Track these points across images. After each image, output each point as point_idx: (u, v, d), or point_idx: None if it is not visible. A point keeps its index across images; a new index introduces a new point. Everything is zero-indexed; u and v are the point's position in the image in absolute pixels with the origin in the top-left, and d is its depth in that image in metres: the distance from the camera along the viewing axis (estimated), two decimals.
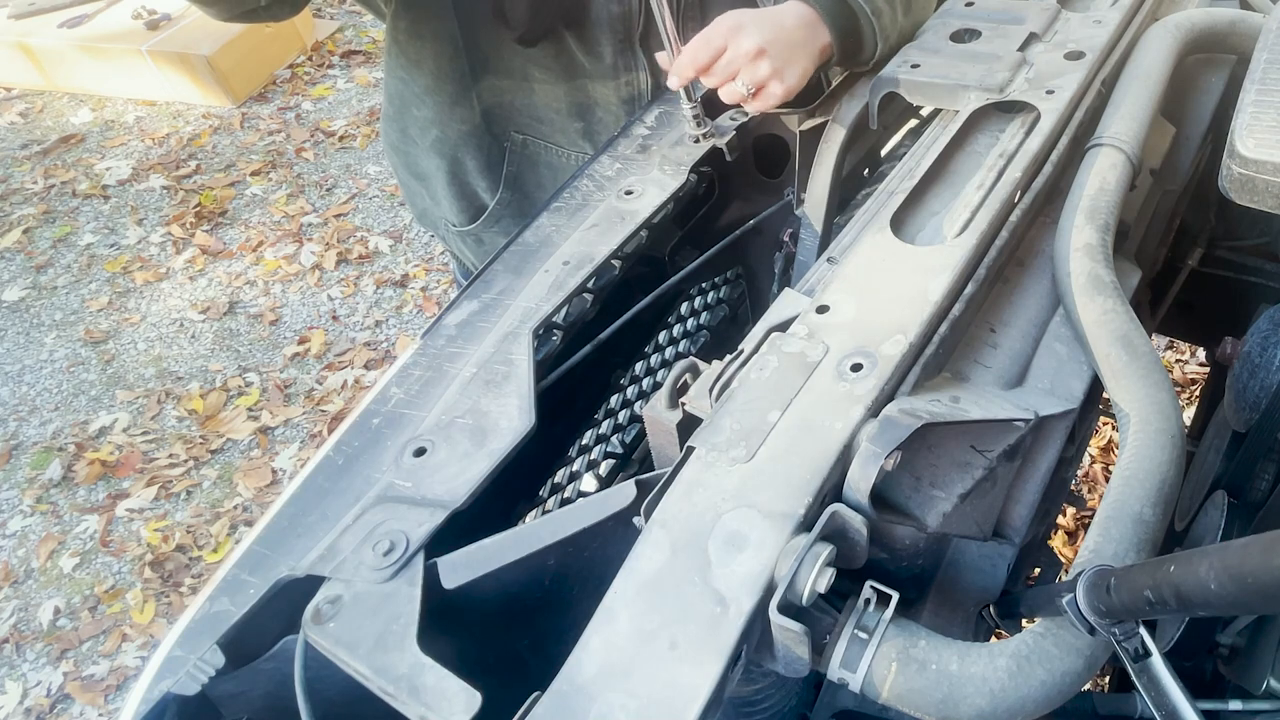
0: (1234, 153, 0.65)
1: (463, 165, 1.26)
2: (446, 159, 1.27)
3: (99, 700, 2.05)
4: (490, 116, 1.20)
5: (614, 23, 1.07)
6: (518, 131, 1.21)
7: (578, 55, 1.10)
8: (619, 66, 1.11)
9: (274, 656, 0.58)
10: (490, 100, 1.18)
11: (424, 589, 0.56)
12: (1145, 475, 0.55)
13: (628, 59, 1.11)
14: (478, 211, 1.30)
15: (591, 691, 0.47)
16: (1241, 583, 0.34)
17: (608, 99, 1.15)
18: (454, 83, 1.16)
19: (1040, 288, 0.73)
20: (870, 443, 0.53)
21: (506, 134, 1.21)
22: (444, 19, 1.09)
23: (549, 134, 1.21)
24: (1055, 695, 0.48)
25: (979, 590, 0.66)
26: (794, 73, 0.86)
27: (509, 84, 1.16)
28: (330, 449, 0.68)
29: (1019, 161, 0.75)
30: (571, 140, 1.20)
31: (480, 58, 1.13)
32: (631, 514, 0.58)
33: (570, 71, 1.12)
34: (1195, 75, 0.96)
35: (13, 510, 2.46)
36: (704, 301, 1.08)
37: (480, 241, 1.35)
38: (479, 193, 1.29)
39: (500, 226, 1.30)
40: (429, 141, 1.26)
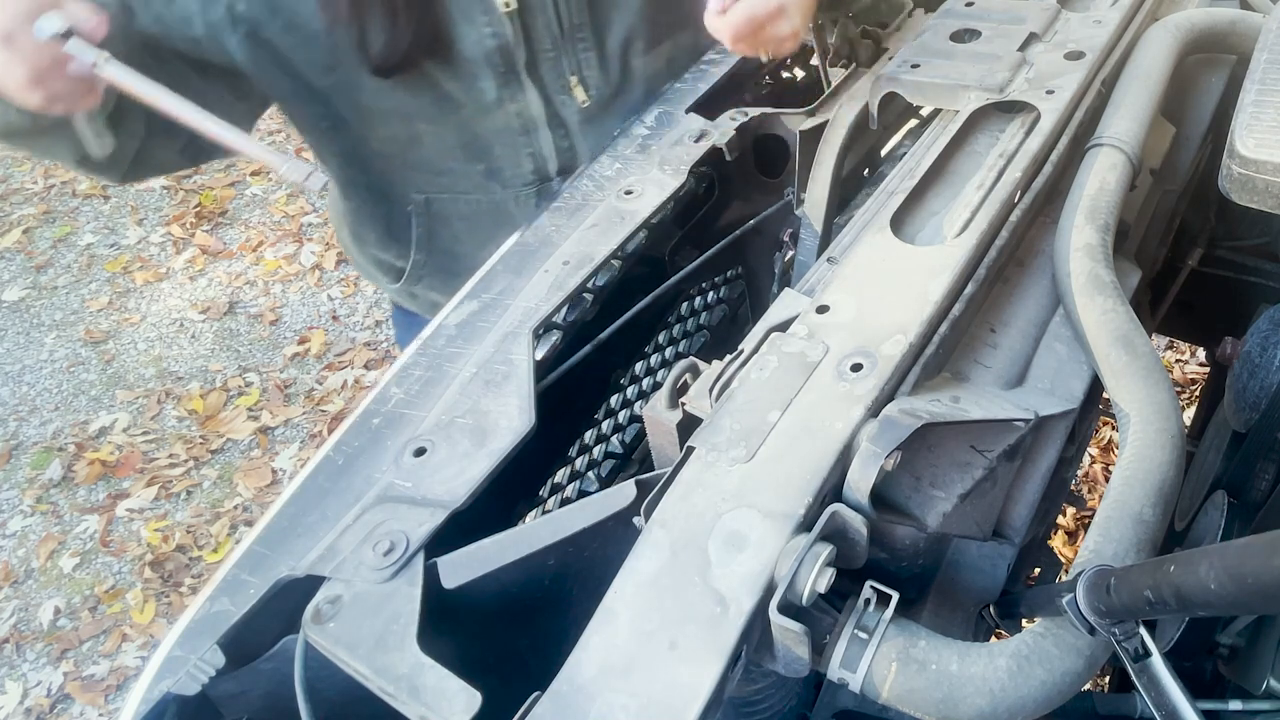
0: (1234, 153, 0.65)
1: (364, 239, 1.24)
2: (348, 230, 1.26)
3: (99, 700, 2.05)
4: (386, 183, 1.15)
5: (490, 56, 1.02)
6: (418, 192, 1.15)
7: (454, 92, 1.04)
8: (504, 98, 1.06)
9: (274, 656, 0.58)
10: (380, 166, 1.12)
11: (424, 589, 0.56)
12: (1145, 475, 0.55)
13: (513, 89, 1.06)
14: (397, 274, 1.25)
15: (591, 691, 0.47)
16: (1241, 583, 0.34)
17: (500, 134, 1.10)
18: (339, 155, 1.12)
19: (1040, 288, 0.73)
20: (870, 443, 0.53)
21: (406, 198, 1.15)
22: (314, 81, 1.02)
23: (452, 184, 1.15)
24: (1055, 695, 0.48)
25: (979, 590, 0.66)
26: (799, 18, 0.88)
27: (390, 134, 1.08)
28: (330, 449, 0.68)
29: (1019, 161, 0.75)
30: (477, 184, 1.14)
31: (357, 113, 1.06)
32: (631, 514, 0.58)
33: (451, 110, 1.06)
34: (1195, 75, 0.97)
35: (13, 510, 2.46)
36: (704, 301, 1.08)
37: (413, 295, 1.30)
38: (390, 260, 1.25)
39: (426, 283, 1.26)
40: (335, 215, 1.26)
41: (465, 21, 0.99)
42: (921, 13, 1.08)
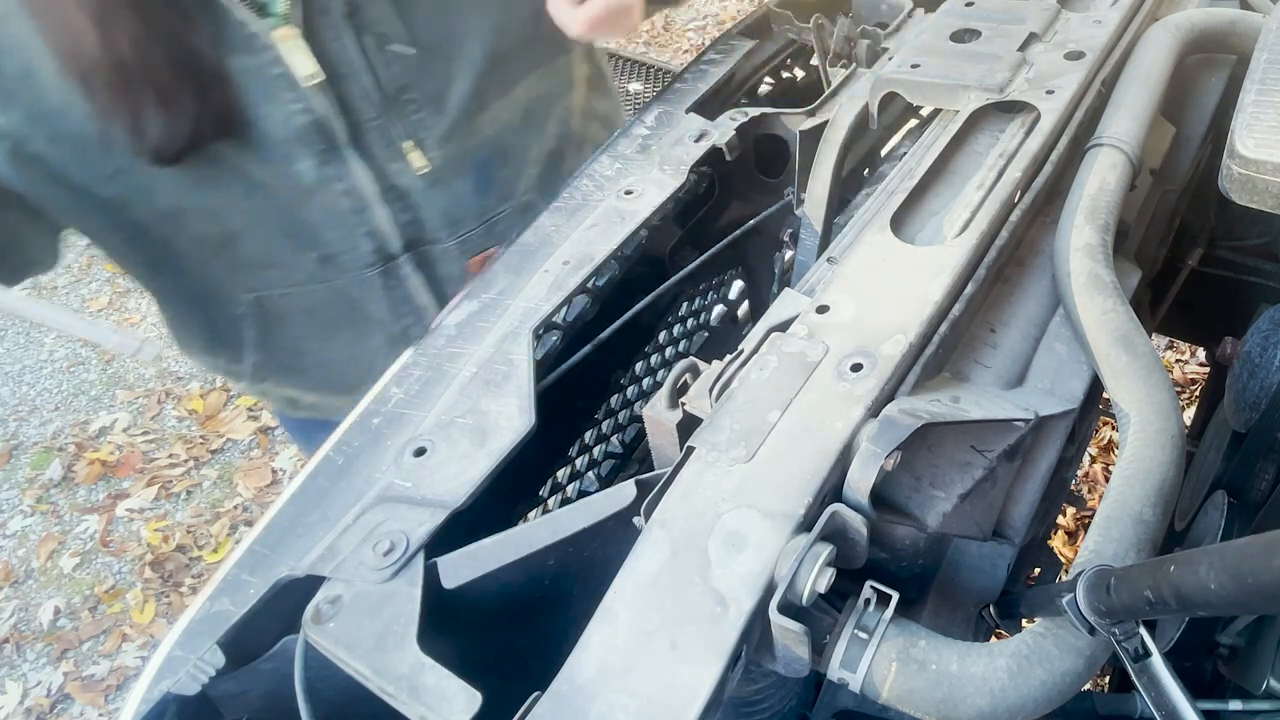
0: (1234, 153, 0.65)
1: (189, 346, 1.13)
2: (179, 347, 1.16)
3: (99, 700, 2.05)
4: (204, 288, 1.02)
5: (304, 134, 0.91)
6: (246, 291, 1.02)
7: (267, 179, 0.93)
8: (327, 178, 0.95)
9: (274, 656, 0.58)
10: (194, 270, 1.00)
11: (424, 589, 0.56)
12: (1145, 475, 0.55)
13: (336, 168, 0.94)
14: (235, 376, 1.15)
15: (591, 691, 0.47)
16: (1241, 583, 0.34)
17: (328, 216, 0.98)
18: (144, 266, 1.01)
19: (1040, 288, 0.73)
20: (870, 443, 0.53)
21: (232, 300, 1.03)
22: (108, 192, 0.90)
23: (283, 278, 1.02)
24: (1055, 695, 0.48)
25: (979, 590, 0.66)
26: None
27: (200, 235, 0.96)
28: (330, 449, 0.68)
29: (1019, 161, 0.75)
30: (312, 274, 1.02)
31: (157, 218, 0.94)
32: (631, 514, 0.58)
33: (266, 198, 0.94)
34: (1195, 75, 0.96)
35: (13, 510, 2.46)
36: (704, 301, 1.08)
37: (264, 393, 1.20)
38: (223, 364, 1.14)
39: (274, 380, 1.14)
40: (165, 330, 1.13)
41: (267, 100, 0.88)
42: (921, 13, 1.08)
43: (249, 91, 0.87)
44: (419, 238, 1.05)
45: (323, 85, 0.89)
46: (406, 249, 1.04)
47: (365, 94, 0.93)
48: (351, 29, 0.89)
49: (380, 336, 1.10)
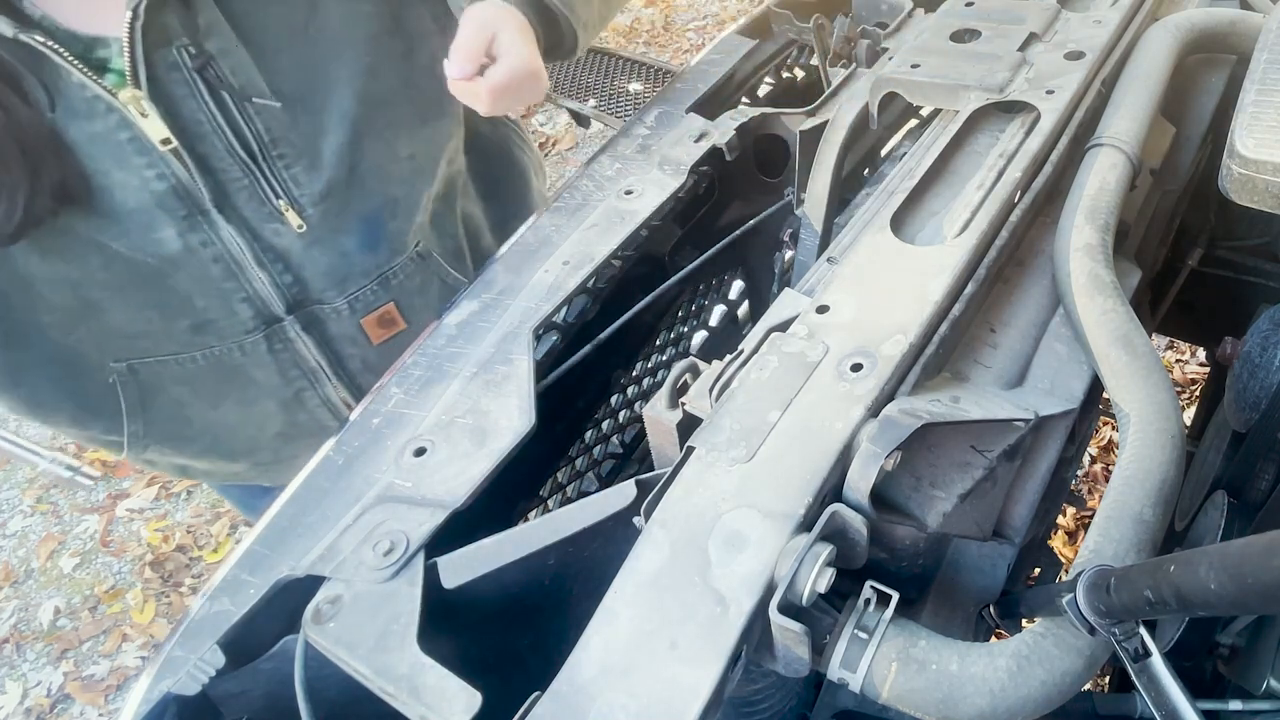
0: (1234, 153, 0.65)
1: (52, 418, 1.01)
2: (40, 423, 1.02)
3: (99, 700, 2.05)
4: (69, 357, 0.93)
5: (164, 201, 0.83)
6: (116, 360, 0.95)
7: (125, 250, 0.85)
8: (194, 246, 0.87)
9: (274, 656, 0.58)
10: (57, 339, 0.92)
11: (424, 589, 0.56)
12: (1145, 475, 0.55)
13: (203, 234, 0.87)
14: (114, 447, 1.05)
15: (591, 691, 0.47)
16: (1241, 583, 0.34)
17: (200, 285, 0.91)
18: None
19: (1040, 288, 0.73)
20: (870, 443, 0.53)
21: (103, 368, 0.95)
22: None
23: (154, 348, 0.95)
24: (1055, 695, 0.48)
25: (979, 590, 0.66)
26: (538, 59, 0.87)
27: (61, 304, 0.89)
28: (330, 449, 0.68)
29: (1019, 161, 0.75)
30: (185, 343, 0.95)
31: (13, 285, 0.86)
32: (631, 514, 0.58)
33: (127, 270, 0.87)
34: (1195, 75, 0.96)
35: (13, 510, 2.46)
36: (704, 301, 1.08)
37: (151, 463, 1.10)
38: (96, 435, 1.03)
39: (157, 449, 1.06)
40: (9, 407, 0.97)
41: (118, 167, 0.81)
42: (921, 13, 1.08)
43: (96, 159, 0.80)
44: (304, 298, 0.97)
45: (177, 150, 0.82)
46: (290, 311, 0.97)
47: (229, 150, 0.85)
48: (204, 84, 0.82)
49: (271, 401, 1.03)
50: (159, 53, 0.78)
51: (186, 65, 0.80)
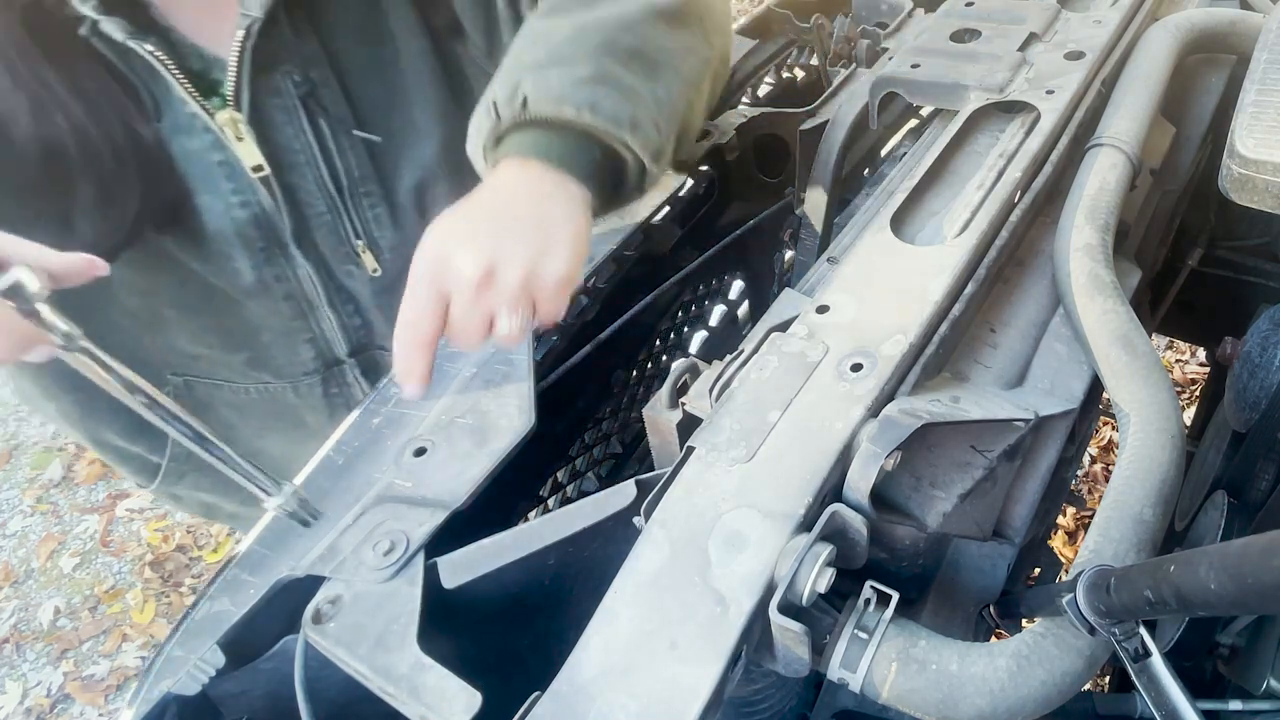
0: (1234, 153, 0.65)
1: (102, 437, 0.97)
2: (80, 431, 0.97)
3: (99, 700, 2.05)
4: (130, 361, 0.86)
5: (244, 230, 0.81)
6: (174, 373, 0.93)
7: (202, 273, 0.83)
8: (267, 280, 0.85)
9: (274, 656, 0.58)
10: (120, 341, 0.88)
11: (424, 589, 0.56)
12: (1145, 475, 0.55)
13: (279, 269, 0.85)
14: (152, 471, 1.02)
15: (591, 691, 0.47)
16: (1241, 583, 0.34)
17: (268, 320, 0.88)
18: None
19: (1040, 288, 0.73)
20: (870, 443, 0.53)
21: (160, 380, 0.93)
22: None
23: (211, 370, 0.94)
24: (1055, 695, 0.48)
25: (979, 590, 0.66)
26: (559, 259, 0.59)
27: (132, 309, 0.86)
28: (330, 449, 0.68)
29: (1019, 161, 0.75)
30: (241, 374, 0.93)
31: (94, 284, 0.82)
32: (631, 514, 0.58)
33: (205, 296, 0.85)
34: (1195, 75, 0.96)
35: (13, 510, 2.46)
36: (704, 302, 1.08)
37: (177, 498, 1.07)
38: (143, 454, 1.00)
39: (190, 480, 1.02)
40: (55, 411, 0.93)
41: (205, 189, 0.78)
42: (921, 13, 1.08)
43: (188, 177, 0.78)
44: (368, 343, 0.94)
45: (267, 179, 0.79)
46: (353, 354, 0.93)
47: (319, 183, 0.82)
48: (305, 113, 0.79)
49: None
50: (264, 77, 0.76)
51: (291, 92, 0.78)
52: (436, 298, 0.57)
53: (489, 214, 0.59)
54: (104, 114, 0.72)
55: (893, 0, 1.11)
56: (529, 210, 0.60)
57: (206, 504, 1.10)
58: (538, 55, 0.64)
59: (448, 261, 0.56)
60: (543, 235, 0.59)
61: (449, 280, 0.56)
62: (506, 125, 0.64)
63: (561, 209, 0.61)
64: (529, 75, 0.63)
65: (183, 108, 0.75)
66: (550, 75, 0.62)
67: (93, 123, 0.71)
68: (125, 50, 0.69)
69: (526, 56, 0.65)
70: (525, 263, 0.57)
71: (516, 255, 0.57)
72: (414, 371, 0.58)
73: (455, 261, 0.56)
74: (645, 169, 0.66)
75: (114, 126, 0.73)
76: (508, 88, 0.63)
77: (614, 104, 0.62)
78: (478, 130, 0.65)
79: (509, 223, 0.58)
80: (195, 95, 0.74)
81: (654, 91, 0.65)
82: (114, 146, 0.72)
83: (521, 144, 0.63)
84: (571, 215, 0.61)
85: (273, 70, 0.76)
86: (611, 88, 0.63)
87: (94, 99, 0.71)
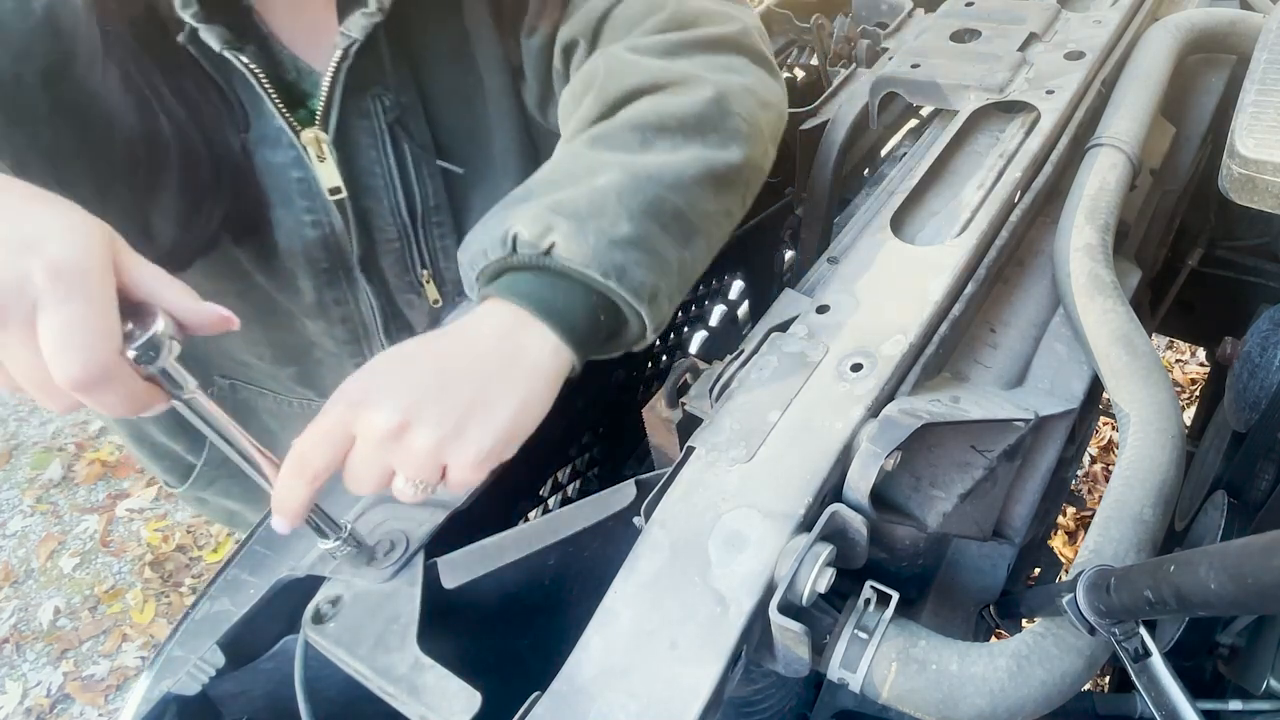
0: (1234, 153, 0.65)
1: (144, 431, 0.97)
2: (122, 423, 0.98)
3: (99, 700, 2.05)
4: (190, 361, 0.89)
5: (310, 250, 0.79)
6: (223, 376, 0.93)
7: (265, 286, 0.82)
8: (326, 302, 0.84)
9: (274, 656, 0.58)
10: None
11: (424, 589, 0.56)
12: (1145, 475, 0.55)
13: (340, 292, 0.83)
14: (184, 472, 1.01)
15: (592, 691, 0.47)
16: (1241, 583, 0.34)
17: (322, 340, 0.88)
18: None
19: (1040, 288, 0.73)
20: (870, 443, 0.53)
21: (208, 379, 0.93)
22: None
23: (259, 379, 0.94)
24: (1055, 695, 0.48)
25: (979, 590, 0.66)
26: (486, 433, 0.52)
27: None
28: None
29: (1019, 161, 0.75)
30: (287, 387, 0.93)
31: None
32: (631, 514, 0.58)
33: (264, 309, 0.84)
34: (1195, 75, 0.96)
35: (13, 510, 2.46)
36: (704, 302, 1.08)
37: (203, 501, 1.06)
38: (180, 453, 1.00)
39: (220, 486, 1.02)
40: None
41: (281, 205, 0.77)
42: (921, 13, 1.08)
43: (267, 190, 0.77)
44: None
45: (344, 199, 0.77)
46: None
47: (394, 209, 0.81)
48: (391, 139, 0.78)
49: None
50: (354, 99, 0.74)
51: (380, 116, 0.76)
52: (341, 438, 0.51)
53: (433, 363, 0.54)
54: (204, 121, 0.71)
55: (893, 0, 1.11)
56: (480, 369, 0.54)
57: (231, 511, 1.09)
58: (577, 199, 0.58)
59: (364, 404, 0.51)
60: (480, 403, 0.52)
61: (359, 424, 0.51)
62: (517, 264, 0.58)
63: (521, 376, 0.55)
64: (564, 222, 0.57)
65: (271, 120, 0.74)
66: (588, 229, 0.57)
67: (194, 129, 0.70)
68: (221, 59, 0.68)
69: (565, 193, 0.59)
70: (445, 429, 0.51)
71: (438, 419, 0.51)
72: (287, 506, 0.51)
73: (371, 407, 0.51)
74: (643, 336, 0.61)
75: (213, 134, 0.72)
76: (537, 226, 0.57)
77: (642, 274, 0.58)
78: (481, 254, 0.59)
79: (449, 379, 0.53)
80: (284, 111, 0.73)
81: (681, 258, 0.61)
82: (211, 154, 0.72)
83: (520, 286, 0.57)
84: (528, 384, 0.55)
85: (364, 93, 0.75)
86: (645, 253, 0.58)
87: (196, 105, 0.70)
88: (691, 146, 0.64)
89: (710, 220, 0.64)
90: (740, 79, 0.70)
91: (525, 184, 0.63)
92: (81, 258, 0.43)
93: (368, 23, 0.69)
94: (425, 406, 0.51)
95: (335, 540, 0.56)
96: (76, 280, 0.42)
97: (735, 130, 0.66)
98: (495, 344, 0.55)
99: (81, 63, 0.66)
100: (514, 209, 0.59)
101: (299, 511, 0.52)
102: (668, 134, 0.63)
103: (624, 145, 0.62)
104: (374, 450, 0.51)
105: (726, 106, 0.66)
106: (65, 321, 0.42)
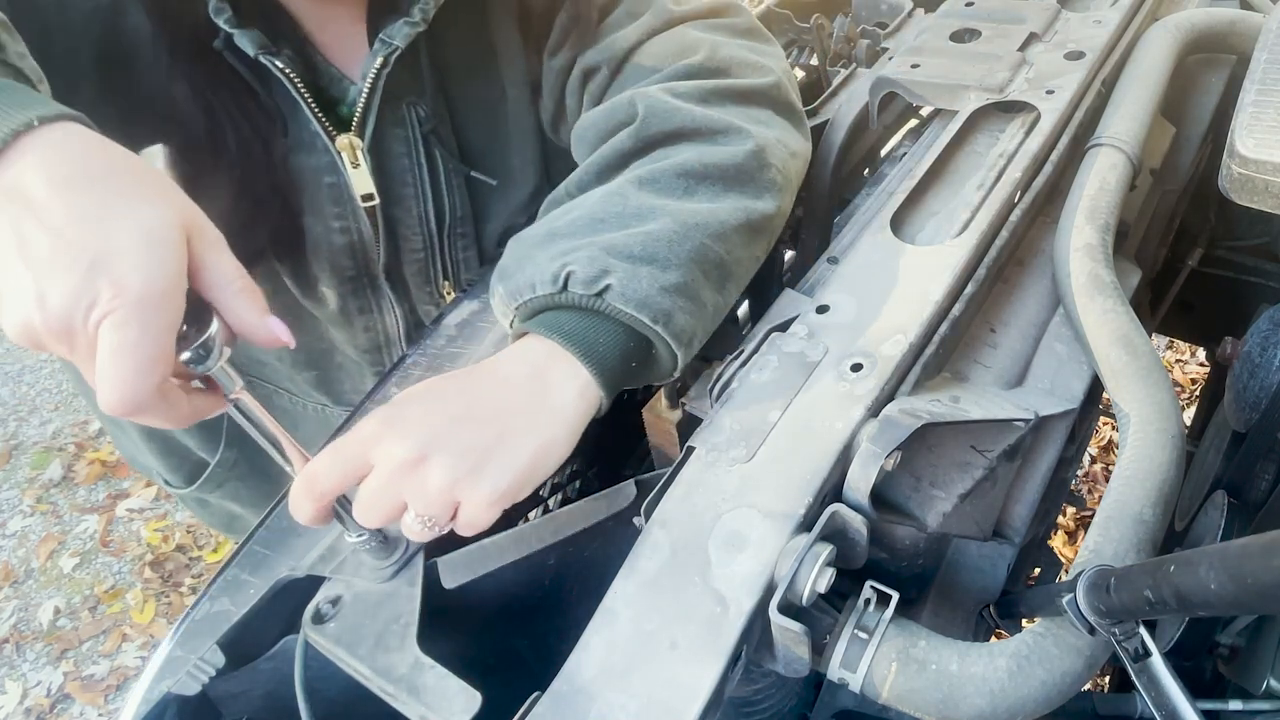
0: (1234, 153, 0.65)
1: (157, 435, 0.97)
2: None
3: (99, 700, 2.04)
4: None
5: (337, 257, 0.79)
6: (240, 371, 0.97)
7: (293, 293, 0.83)
8: (350, 310, 0.84)
9: (274, 656, 0.58)
10: None
11: (424, 589, 0.56)
12: (1145, 475, 0.55)
13: (364, 300, 0.84)
14: (194, 471, 1.01)
15: (591, 691, 0.47)
16: (1241, 583, 0.34)
17: (344, 347, 0.88)
18: None
19: (1040, 288, 0.73)
20: (870, 443, 0.53)
21: None
22: None
23: (277, 379, 0.94)
24: (1055, 695, 0.48)
25: (979, 590, 0.66)
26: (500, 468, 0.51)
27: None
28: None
29: (1019, 161, 0.75)
30: (304, 391, 0.93)
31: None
32: (631, 514, 0.58)
33: (290, 314, 0.84)
34: (1195, 75, 0.96)
35: (13, 510, 2.46)
36: None
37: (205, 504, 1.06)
38: (192, 450, 1.00)
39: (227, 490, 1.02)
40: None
41: (312, 211, 0.77)
42: (921, 13, 1.08)
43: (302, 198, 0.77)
44: None
45: (375, 206, 0.77)
46: None
47: (422, 219, 0.81)
48: (424, 148, 0.78)
49: None
50: (390, 107, 0.75)
51: (414, 124, 0.77)
52: (357, 463, 0.52)
53: (461, 400, 0.53)
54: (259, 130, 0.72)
55: (893, 0, 1.11)
56: (507, 409, 0.53)
57: (232, 515, 1.08)
58: (631, 243, 0.58)
59: (386, 435, 0.51)
60: (501, 444, 0.52)
61: (377, 452, 0.51)
62: (565, 302, 0.57)
63: (546, 417, 0.54)
64: (621, 265, 0.56)
65: (306, 125, 0.74)
66: (642, 274, 0.57)
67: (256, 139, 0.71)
68: (256, 64, 0.68)
69: (617, 235, 0.59)
70: (462, 468, 0.50)
71: (456, 456, 0.51)
72: (303, 512, 0.53)
73: (392, 437, 0.51)
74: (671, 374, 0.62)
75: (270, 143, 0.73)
76: (593, 268, 0.56)
77: (685, 320, 0.58)
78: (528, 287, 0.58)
79: (474, 418, 0.52)
80: (320, 116, 0.73)
81: (716, 303, 0.62)
82: (269, 163, 0.73)
83: (564, 324, 0.57)
84: (552, 427, 0.54)
85: (400, 101, 0.75)
86: (688, 299, 0.58)
87: (254, 116, 0.71)
88: (731, 196, 0.65)
89: (742, 266, 0.65)
90: (772, 132, 0.71)
91: (566, 217, 0.62)
92: (147, 282, 0.42)
93: (411, 31, 0.69)
94: (445, 442, 0.51)
95: (359, 536, 0.56)
96: (135, 307, 0.42)
97: (771, 181, 0.68)
98: (526, 383, 0.55)
99: (144, 64, 0.66)
100: (560, 244, 0.59)
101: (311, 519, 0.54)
102: (709, 182, 0.64)
103: (670, 191, 0.63)
104: (387, 480, 0.51)
105: (764, 159, 0.67)
106: (116, 348, 0.42)
